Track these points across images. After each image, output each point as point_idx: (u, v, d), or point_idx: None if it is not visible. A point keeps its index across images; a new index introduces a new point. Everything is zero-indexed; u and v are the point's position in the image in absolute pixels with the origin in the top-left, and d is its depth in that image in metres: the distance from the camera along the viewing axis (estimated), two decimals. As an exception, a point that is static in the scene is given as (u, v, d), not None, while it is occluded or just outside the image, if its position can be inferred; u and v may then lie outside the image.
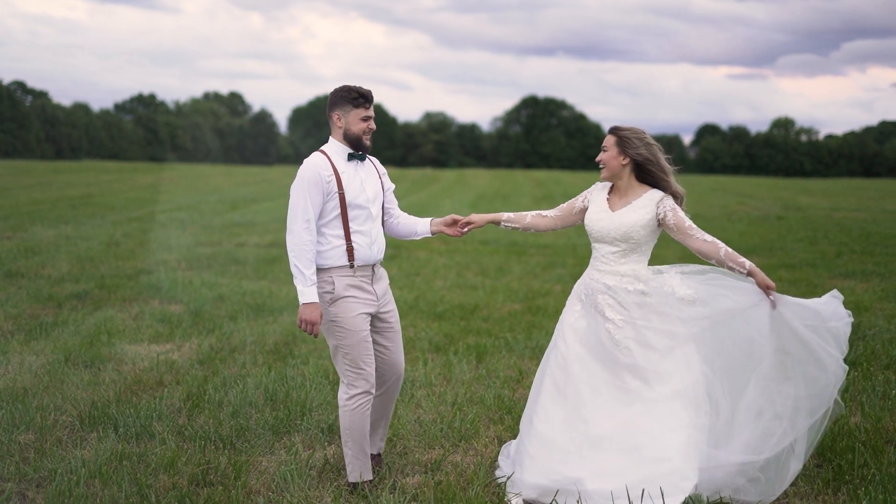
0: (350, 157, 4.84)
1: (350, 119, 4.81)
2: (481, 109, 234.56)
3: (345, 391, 4.83)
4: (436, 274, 13.09)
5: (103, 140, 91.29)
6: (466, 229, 5.15)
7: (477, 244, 16.97)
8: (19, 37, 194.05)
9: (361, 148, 4.85)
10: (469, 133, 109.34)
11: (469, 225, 5.14)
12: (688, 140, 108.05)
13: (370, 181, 4.91)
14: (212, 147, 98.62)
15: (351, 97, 4.79)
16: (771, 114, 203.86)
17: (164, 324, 8.98)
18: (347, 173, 4.82)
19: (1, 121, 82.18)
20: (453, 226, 5.14)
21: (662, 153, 4.94)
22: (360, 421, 4.81)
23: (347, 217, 4.77)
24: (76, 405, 6.19)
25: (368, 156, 4.96)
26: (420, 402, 6.47)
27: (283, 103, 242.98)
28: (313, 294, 4.70)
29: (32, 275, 11.91)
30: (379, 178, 4.99)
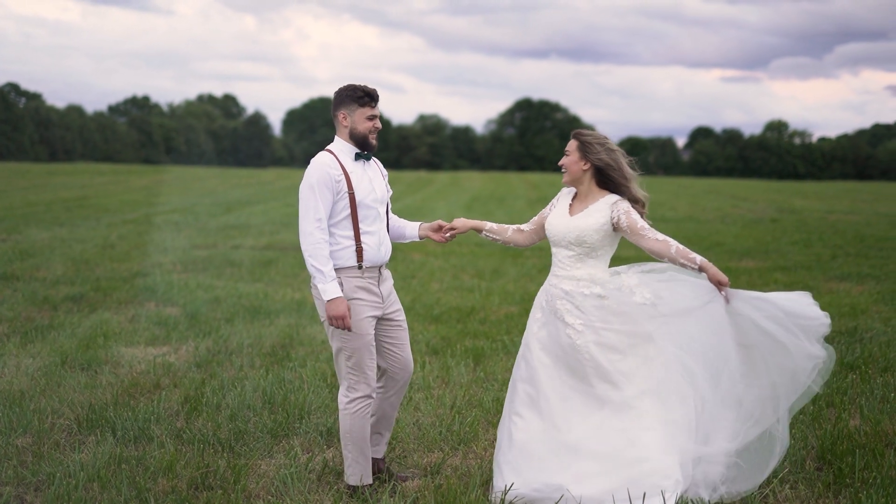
0: (357, 156, 4.83)
1: (356, 118, 4.80)
2: (475, 112, 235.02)
3: (345, 394, 4.81)
4: (432, 276, 13.07)
5: (97, 142, 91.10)
6: (449, 234, 5.15)
7: (473, 246, 16.96)
8: (13, 38, 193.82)
9: (367, 147, 4.84)
10: (463, 135, 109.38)
11: (452, 231, 5.15)
12: (681, 142, 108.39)
13: (377, 181, 4.90)
14: (206, 149, 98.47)
15: (356, 96, 4.78)
16: (764, 116, 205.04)
17: (160, 326, 8.95)
18: (356, 173, 4.80)
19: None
20: (439, 231, 5.16)
21: (626, 158, 4.92)
22: (361, 424, 4.79)
23: (357, 217, 4.76)
24: (73, 408, 6.16)
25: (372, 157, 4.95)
26: (419, 406, 6.46)
27: (277, 105, 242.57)
28: (336, 289, 4.67)
29: (27, 277, 11.88)
30: (383, 179, 4.99)
